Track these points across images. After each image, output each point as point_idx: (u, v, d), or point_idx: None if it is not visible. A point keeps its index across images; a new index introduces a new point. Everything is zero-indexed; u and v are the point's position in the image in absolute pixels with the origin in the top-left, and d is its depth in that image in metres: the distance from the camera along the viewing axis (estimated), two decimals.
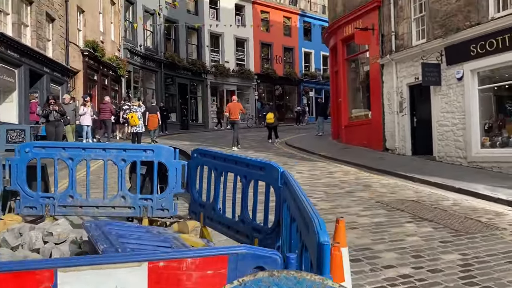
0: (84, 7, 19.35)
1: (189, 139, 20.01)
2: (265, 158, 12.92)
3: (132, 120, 14.11)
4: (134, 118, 14.10)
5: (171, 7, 29.01)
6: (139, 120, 14.16)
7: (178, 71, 29.38)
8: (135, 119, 14.08)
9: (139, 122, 14.18)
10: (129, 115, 14.53)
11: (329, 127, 20.50)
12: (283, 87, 37.10)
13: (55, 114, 11.03)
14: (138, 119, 14.11)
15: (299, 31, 38.48)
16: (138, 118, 14.16)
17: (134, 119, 14.09)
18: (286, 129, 28.05)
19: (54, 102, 11.18)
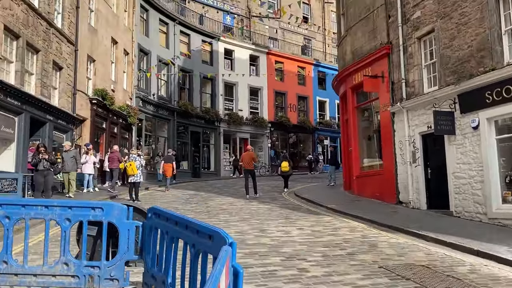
0: (95, 57, 19.53)
1: (195, 188, 19.38)
2: (268, 210, 12.12)
3: (130, 169, 13.60)
4: (132, 167, 13.60)
5: (185, 57, 29.41)
6: (137, 170, 13.63)
7: (191, 119, 29.28)
8: (133, 168, 13.58)
9: (138, 171, 13.65)
10: (127, 164, 14.04)
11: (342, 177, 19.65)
12: (297, 135, 36.60)
13: (45, 162, 10.61)
14: (136, 168, 13.58)
15: (314, 80, 38.48)
16: (137, 167, 13.64)
17: (133, 168, 13.58)
18: (299, 177, 27.19)
19: (44, 150, 10.79)
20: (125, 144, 23.35)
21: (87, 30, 18.90)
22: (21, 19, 13.52)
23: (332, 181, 19.75)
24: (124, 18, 23.79)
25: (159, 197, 15.73)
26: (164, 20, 28.11)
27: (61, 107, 16.32)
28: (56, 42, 16.00)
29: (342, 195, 16.39)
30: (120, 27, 22.76)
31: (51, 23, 15.57)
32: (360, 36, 16.01)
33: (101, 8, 20.41)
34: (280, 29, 41.05)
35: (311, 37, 43.54)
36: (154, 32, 26.90)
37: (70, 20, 17.28)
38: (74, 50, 17.55)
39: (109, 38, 21.22)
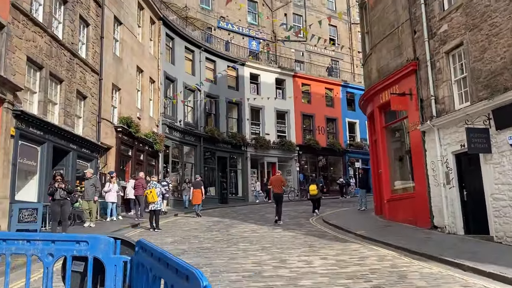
0: (120, 85, 19.77)
1: (220, 215, 18.95)
2: (291, 238, 11.51)
3: (151, 196, 13.32)
4: (152, 194, 13.32)
5: (211, 83, 29.58)
6: (157, 197, 13.35)
7: (217, 145, 29.15)
8: (153, 195, 13.29)
9: (158, 199, 13.36)
10: (147, 191, 13.80)
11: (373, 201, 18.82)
12: (327, 158, 35.80)
13: (61, 192, 10.49)
14: (157, 195, 13.30)
15: (342, 102, 37.84)
16: (157, 194, 13.36)
17: (153, 195, 13.29)
18: (329, 202, 26.35)
19: (60, 179, 10.69)
20: (152, 171, 23.32)
21: (112, 59, 19.20)
22: (44, 50, 13.78)
23: (363, 205, 18.90)
24: (150, 47, 24.18)
25: (182, 224, 15.38)
26: (190, 47, 28.43)
27: (85, 136, 16.43)
28: (80, 72, 16.25)
29: (372, 220, 15.55)
30: (145, 56, 23.09)
31: (75, 54, 15.85)
32: (385, 54, 15.47)
33: (126, 37, 20.79)
34: (306, 51, 40.95)
35: (339, 58, 43.19)
36: (179, 60, 27.20)
37: (95, 50, 17.60)
38: (99, 79, 17.80)
39: (134, 66, 21.51)
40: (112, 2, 19.34)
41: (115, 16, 19.59)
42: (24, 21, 12.66)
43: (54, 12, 14.72)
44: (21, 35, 12.47)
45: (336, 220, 15.41)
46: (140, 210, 16.75)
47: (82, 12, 16.50)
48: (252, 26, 38.17)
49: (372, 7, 16.67)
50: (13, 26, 12.06)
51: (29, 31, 12.87)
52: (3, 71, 11.38)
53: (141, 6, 22.86)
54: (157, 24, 24.97)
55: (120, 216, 16.63)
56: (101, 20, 18.18)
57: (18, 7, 12.31)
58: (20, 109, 11.87)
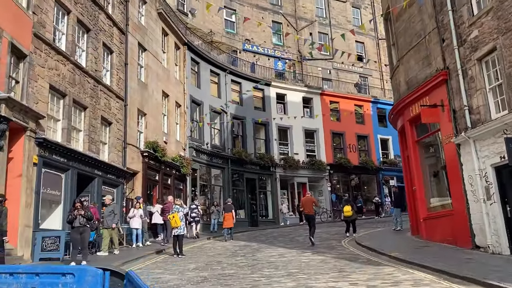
0: (145, 110, 19.85)
1: (247, 238, 18.40)
2: (320, 262, 10.85)
3: (173, 221, 12.98)
4: (175, 218, 12.97)
5: (237, 105, 29.50)
6: (180, 222, 13.00)
7: (245, 166, 28.81)
8: (176, 220, 12.94)
9: (181, 223, 13.01)
10: (170, 216, 13.48)
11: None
12: (360, 177, 34.76)
13: (81, 219, 10.29)
14: (180, 220, 12.96)
15: (373, 118, 36.92)
16: (180, 219, 13.02)
17: (176, 220, 12.95)
18: (363, 222, 25.36)
19: (80, 206, 10.52)
20: (180, 195, 23.13)
21: (137, 85, 19.35)
22: (67, 78, 13.94)
23: (398, 225, 17.93)
24: (175, 72, 24.37)
25: (208, 249, 14.94)
26: (215, 70, 28.54)
27: (111, 162, 16.43)
28: (104, 98, 16.38)
29: (408, 241, 14.62)
30: (171, 81, 23.24)
31: (99, 80, 16.01)
32: (413, 65, 14.81)
33: (151, 63, 20.98)
34: (333, 69, 40.45)
35: (367, 74, 42.45)
36: (205, 83, 27.29)
37: (119, 76, 17.77)
38: (124, 105, 17.91)
39: (160, 91, 21.64)
40: (135, 29, 19.63)
41: (139, 42, 19.84)
42: (47, 50, 12.86)
43: (77, 40, 14.97)
44: (44, 63, 12.65)
45: (370, 241, 14.58)
46: (166, 235, 16.47)
47: (106, 39, 16.74)
48: (277, 46, 38.14)
49: (397, 18, 16.11)
50: (35, 55, 12.25)
51: (51, 60, 13.06)
52: (26, 100, 11.48)
53: (165, 32, 23.16)
54: (182, 50, 25.20)
55: (148, 242, 16.37)
56: (125, 47, 18.42)
57: (40, 37, 12.52)
58: (42, 137, 11.92)
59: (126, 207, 17.44)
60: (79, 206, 10.49)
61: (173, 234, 13.11)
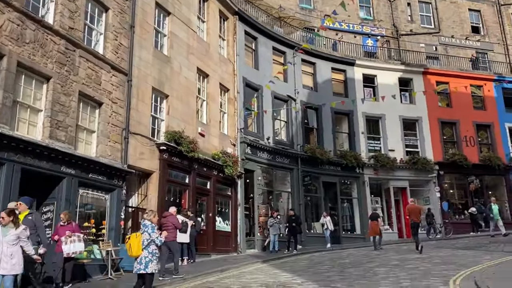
0: (167, 91, 15.03)
1: (304, 267, 12.35)
2: None
3: (128, 248, 7.48)
4: (132, 243, 7.43)
5: (310, 90, 23.56)
6: (143, 250, 7.45)
7: (322, 167, 22.60)
8: (133, 246, 7.42)
9: (142, 252, 7.47)
10: (126, 237, 8.00)
11: None
12: (482, 179, 26.14)
13: None
14: (142, 246, 7.42)
15: (498, 102, 28.07)
16: (143, 244, 7.46)
17: (132, 246, 7.42)
18: (487, 242, 17.65)
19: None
20: (226, 203, 17.89)
21: (153, 56, 14.61)
22: (7, 31, 9.53)
23: None
24: (221, 47, 19.33)
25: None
26: (280, 48, 22.95)
27: (99, 157, 11.74)
28: (89, 69, 11.82)
29: None
30: (212, 57, 18.21)
31: (77, 43, 11.47)
32: None
33: (178, 32, 16.17)
34: (440, 45, 32.23)
35: (487, 49, 33.32)
36: (265, 63, 21.79)
37: (119, 42, 13.12)
38: (127, 81, 13.21)
39: (193, 69, 16.72)
40: None
41: (157, 2, 15.14)
42: None
43: None
44: None
45: None
46: (174, 263, 11.15)
47: None
48: (366, 21, 31.28)
49: None
50: None
51: None
52: None
53: None
54: (231, 20, 20.12)
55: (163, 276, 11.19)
56: (132, 5, 13.81)
57: None
58: None
59: (124, 221, 12.60)
60: None
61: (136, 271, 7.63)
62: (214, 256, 15.68)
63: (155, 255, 7.65)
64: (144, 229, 7.70)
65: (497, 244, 16.47)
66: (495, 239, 18.78)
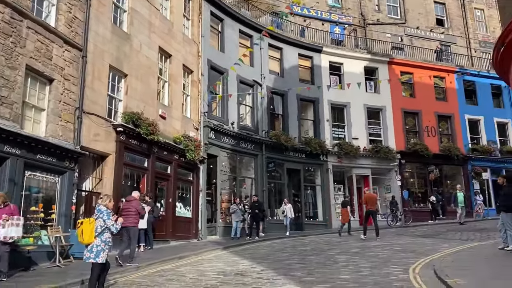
0: (126, 70, 14.27)
1: (264, 254, 12.09)
2: None
3: (80, 234, 6.90)
4: (85, 229, 6.85)
5: (276, 76, 23.17)
6: (96, 237, 6.86)
7: (287, 154, 22.39)
8: (85, 231, 6.83)
9: (96, 240, 6.89)
10: (78, 222, 7.34)
11: None
12: (441, 168, 26.73)
13: None
14: (95, 233, 6.80)
15: (459, 94, 28.67)
16: (96, 232, 6.83)
17: (85, 233, 6.82)
18: (441, 229, 18.02)
19: None
20: (188, 189, 17.38)
21: (111, 33, 13.79)
22: None
23: (511, 241, 10.55)
24: (185, 27, 18.60)
25: (165, 280, 8.81)
26: (247, 31, 22.39)
27: (49, 137, 10.96)
28: (38, 42, 10.94)
29: None
30: (175, 37, 17.48)
31: (25, 13, 10.56)
32: None
33: (140, 8, 15.36)
34: (406, 36, 32.51)
35: (450, 42, 33.92)
36: (231, 46, 21.21)
37: (73, 15, 12.25)
38: (81, 56, 12.39)
39: (155, 48, 15.97)
40: None
41: None
42: None
43: None
44: None
45: (465, 278, 7.60)
46: (131, 250, 10.62)
47: None
48: (334, 9, 31.11)
49: None
50: None
51: None
52: None
53: None
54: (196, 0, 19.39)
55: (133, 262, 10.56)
56: None
57: None
58: None
59: (76, 205, 11.91)
60: None
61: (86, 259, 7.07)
62: (173, 242, 15.20)
63: (108, 244, 7.12)
64: (98, 215, 7.14)
65: (454, 232, 16.80)
66: (458, 226, 19.26)
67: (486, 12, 36.30)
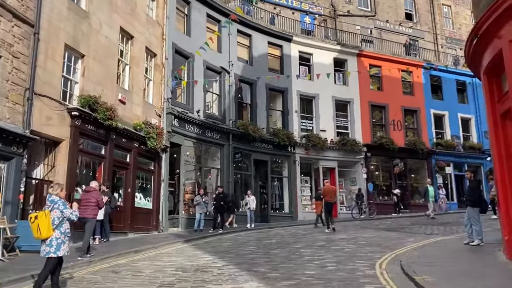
0: (83, 51, 13.31)
1: (227, 247, 11.59)
2: None
3: (35, 228, 6.16)
4: (41, 222, 6.19)
5: (245, 63, 22.56)
6: (54, 230, 6.24)
7: (254, 144, 21.89)
8: (42, 225, 6.15)
9: (54, 233, 6.26)
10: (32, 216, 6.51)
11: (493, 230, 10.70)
12: (406, 162, 26.97)
13: None
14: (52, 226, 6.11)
15: (425, 88, 28.94)
16: (53, 224, 6.14)
17: (41, 226, 6.14)
18: (408, 223, 18.03)
19: None
20: (149, 178, 16.62)
21: (67, 9, 12.79)
22: None
23: (476, 236, 10.47)
24: (149, 8, 17.68)
25: (116, 278, 8.16)
26: (215, 16, 21.62)
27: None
28: None
29: (506, 275, 7.27)
30: (138, 18, 16.56)
31: None
32: None
33: None
34: (375, 29, 32.53)
35: (418, 37, 34.22)
36: (198, 31, 20.39)
37: None
38: (33, 33, 11.39)
39: (115, 28, 15.03)
40: None
41: None
42: None
43: None
44: None
45: (433, 275, 7.34)
46: (83, 243, 9.88)
47: None
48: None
49: None
50: None
51: None
52: None
53: None
54: None
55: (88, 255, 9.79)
56: None
57: None
58: None
59: (25, 194, 11.01)
60: None
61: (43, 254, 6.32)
62: (131, 235, 14.47)
63: (67, 235, 6.52)
64: (52, 206, 6.43)
65: (418, 225, 16.83)
66: (422, 220, 19.37)
67: (453, 9, 36.85)
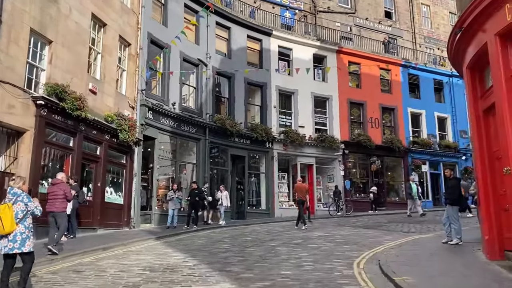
0: (51, 36, 12.56)
1: (200, 246, 11.10)
2: None
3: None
4: (4, 217, 5.56)
5: (223, 57, 22.02)
6: (17, 224, 5.72)
7: (231, 139, 21.42)
8: (5, 219, 5.54)
9: (18, 228, 5.73)
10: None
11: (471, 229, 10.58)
12: (383, 160, 26.97)
13: None
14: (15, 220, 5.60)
15: (403, 87, 28.99)
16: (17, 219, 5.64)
17: (4, 220, 5.55)
18: (385, 221, 17.89)
19: None
20: (120, 173, 15.96)
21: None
22: None
23: (455, 235, 10.29)
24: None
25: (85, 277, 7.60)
26: (192, 6, 21.00)
27: None
28: None
29: (489, 275, 7.03)
30: (113, 5, 15.83)
31: None
32: None
33: None
34: (355, 26, 32.42)
35: (396, 35, 34.32)
36: (175, 21, 19.74)
37: None
38: None
39: (86, 14, 14.29)
40: None
41: None
42: None
43: None
44: None
45: (413, 276, 7.05)
46: (49, 238, 9.28)
47: None
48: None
49: None
50: None
51: None
52: None
53: None
54: None
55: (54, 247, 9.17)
56: None
57: None
58: None
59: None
60: None
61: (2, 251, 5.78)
62: (101, 231, 13.84)
63: (31, 230, 6.08)
64: (15, 198, 5.93)
65: (395, 223, 16.70)
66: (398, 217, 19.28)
67: (432, 9, 37.11)
